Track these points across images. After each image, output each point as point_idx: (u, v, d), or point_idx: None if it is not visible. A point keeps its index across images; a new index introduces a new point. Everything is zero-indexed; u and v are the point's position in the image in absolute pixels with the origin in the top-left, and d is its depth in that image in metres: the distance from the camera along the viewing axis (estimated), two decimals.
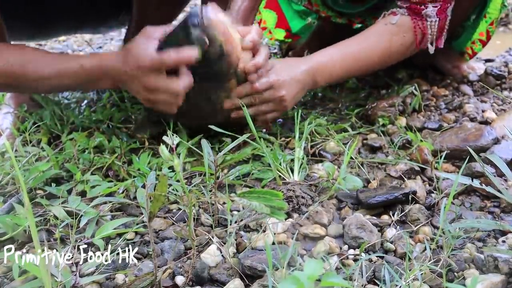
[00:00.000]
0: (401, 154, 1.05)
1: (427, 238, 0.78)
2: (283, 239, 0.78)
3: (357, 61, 1.16)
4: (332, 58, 1.14)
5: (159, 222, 0.85)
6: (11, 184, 0.97)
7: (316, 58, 1.13)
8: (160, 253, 0.76)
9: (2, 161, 1.06)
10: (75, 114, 1.26)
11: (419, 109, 1.28)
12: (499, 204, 0.88)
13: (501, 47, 1.98)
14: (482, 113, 1.23)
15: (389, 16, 1.17)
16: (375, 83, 1.52)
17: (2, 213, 0.85)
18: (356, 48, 1.16)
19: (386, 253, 0.76)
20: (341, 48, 1.16)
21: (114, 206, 0.90)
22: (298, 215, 0.85)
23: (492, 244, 0.76)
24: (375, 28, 1.19)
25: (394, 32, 1.16)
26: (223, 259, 0.74)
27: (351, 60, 1.15)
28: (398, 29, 1.15)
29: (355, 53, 1.15)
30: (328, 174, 0.94)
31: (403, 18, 1.15)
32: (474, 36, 1.50)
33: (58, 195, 0.92)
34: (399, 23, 1.15)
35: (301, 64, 1.10)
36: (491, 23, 1.44)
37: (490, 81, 1.45)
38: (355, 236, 0.77)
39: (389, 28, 1.16)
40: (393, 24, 1.16)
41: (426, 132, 1.15)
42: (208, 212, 0.85)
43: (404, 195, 0.87)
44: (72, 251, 0.76)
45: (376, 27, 1.19)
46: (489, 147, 1.02)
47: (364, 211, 0.87)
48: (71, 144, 1.07)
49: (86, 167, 1.02)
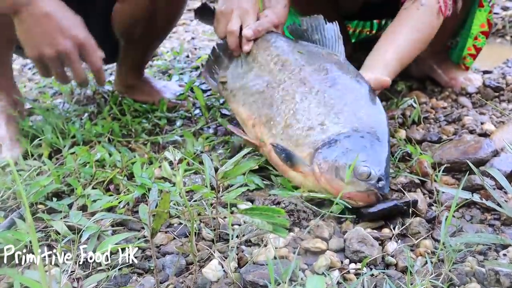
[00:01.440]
0: (401, 167, 1.06)
1: (428, 252, 0.78)
2: (285, 254, 0.78)
3: (411, 52, 1.20)
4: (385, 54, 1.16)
5: (160, 237, 0.85)
6: (12, 199, 0.98)
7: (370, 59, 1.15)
8: (161, 268, 0.76)
9: (3, 175, 1.06)
10: (75, 127, 1.27)
11: (418, 122, 1.29)
12: (499, 216, 0.88)
13: (499, 58, 1.99)
14: (481, 125, 1.23)
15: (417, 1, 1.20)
16: None
17: (3, 228, 0.85)
18: (405, 43, 1.19)
19: (387, 267, 0.76)
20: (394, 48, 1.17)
21: (115, 220, 0.90)
22: (299, 229, 0.85)
23: (493, 258, 0.76)
24: (414, 16, 1.21)
25: (429, 12, 1.20)
26: (224, 274, 0.74)
27: (403, 56, 1.18)
28: (430, 9, 1.20)
29: (406, 48, 1.18)
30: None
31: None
32: (463, 52, 1.53)
33: (59, 210, 0.92)
34: (425, 2, 1.20)
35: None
36: (475, 38, 1.50)
37: (489, 93, 1.46)
38: (356, 250, 0.77)
39: (423, 11, 1.20)
40: (423, 5, 1.20)
41: (425, 145, 1.15)
42: (209, 227, 0.85)
43: (405, 203, 0.87)
44: (74, 267, 0.76)
45: (413, 14, 1.21)
46: (489, 160, 1.03)
47: (365, 224, 0.87)
48: (72, 158, 1.07)
49: (87, 181, 1.02)
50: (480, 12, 1.45)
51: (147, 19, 1.32)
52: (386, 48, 1.17)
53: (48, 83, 1.98)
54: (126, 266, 0.76)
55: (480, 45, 1.51)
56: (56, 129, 1.26)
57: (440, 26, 1.36)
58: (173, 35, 2.71)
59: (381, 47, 1.18)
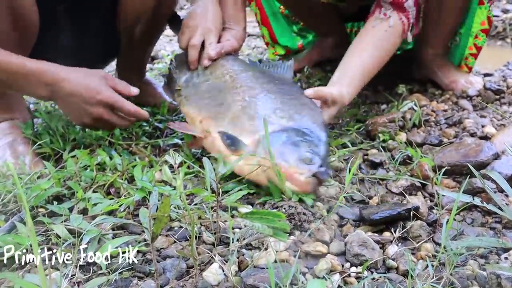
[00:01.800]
0: (402, 170, 1.05)
1: (429, 255, 0.78)
2: (285, 257, 0.78)
3: (374, 69, 1.26)
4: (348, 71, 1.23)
5: (160, 240, 0.85)
6: (12, 202, 0.97)
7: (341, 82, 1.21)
8: (162, 272, 0.76)
9: (4, 178, 1.06)
10: (76, 131, 1.27)
11: (419, 125, 1.29)
12: (500, 220, 0.88)
13: (499, 61, 1.99)
14: (482, 128, 1.23)
15: (385, 21, 1.27)
16: (375, 98, 1.53)
17: (4, 232, 0.85)
18: (370, 60, 1.25)
19: (388, 270, 0.76)
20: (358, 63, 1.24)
21: (116, 224, 0.89)
22: (300, 232, 0.85)
23: (494, 261, 0.76)
24: (380, 35, 1.27)
25: (396, 34, 1.27)
26: (225, 277, 0.74)
27: (368, 72, 1.25)
28: (396, 31, 1.27)
29: (371, 65, 1.25)
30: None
31: (393, 17, 1.27)
32: (465, 52, 1.53)
33: (60, 213, 0.92)
34: (388, 20, 1.27)
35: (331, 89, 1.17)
36: (476, 36, 1.51)
37: (489, 96, 1.46)
38: (357, 253, 0.77)
39: (391, 32, 1.27)
40: (391, 27, 1.26)
41: (426, 148, 1.15)
42: (210, 230, 0.85)
43: (406, 210, 0.87)
44: (74, 270, 0.76)
45: (380, 34, 1.27)
46: (490, 163, 1.02)
47: (365, 227, 0.87)
48: (73, 161, 1.07)
49: (87, 184, 1.02)
50: (480, 10, 1.46)
51: (150, 14, 1.34)
52: (352, 65, 1.24)
53: None
54: (126, 270, 0.76)
55: (481, 44, 1.52)
56: (57, 132, 1.26)
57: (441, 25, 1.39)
58: (173, 38, 2.72)
59: (347, 63, 1.24)
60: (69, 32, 1.27)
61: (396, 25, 1.26)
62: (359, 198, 0.97)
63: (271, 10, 1.84)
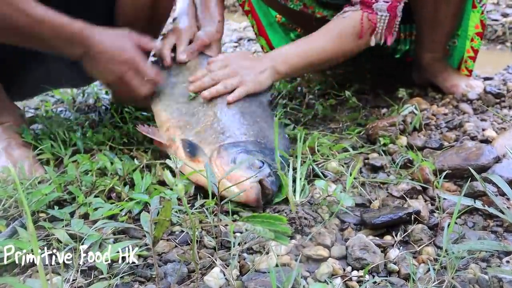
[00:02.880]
0: (402, 173, 1.05)
1: (431, 259, 0.78)
2: (286, 261, 0.77)
3: (314, 52, 1.26)
4: (290, 49, 1.27)
5: (162, 244, 0.84)
6: (14, 207, 0.97)
7: (274, 50, 1.27)
8: (163, 277, 0.76)
9: (5, 183, 1.06)
10: (77, 135, 1.27)
11: (419, 128, 1.29)
12: (502, 223, 0.88)
13: (499, 65, 1.99)
14: (483, 131, 1.23)
15: (342, 14, 1.28)
16: (375, 102, 1.53)
17: (5, 237, 0.85)
18: (313, 43, 1.27)
19: (389, 274, 0.76)
20: (299, 43, 1.29)
21: (117, 228, 0.90)
22: (301, 236, 0.85)
23: (496, 265, 0.76)
24: (330, 24, 1.29)
25: (345, 25, 1.27)
26: (226, 282, 0.74)
27: (308, 51, 1.26)
28: (348, 22, 1.27)
29: (312, 46, 1.26)
30: (322, 190, 0.94)
31: (354, 12, 1.26)
32: (464, 53, 1.54)
33: (61, 218, 0.92)
34: (351, 16, 1.26)
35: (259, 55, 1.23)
36: (471, 40, 1.52)
37: (490, 100, 1.46)
38: (358, 257, 0.77)
39: (340, 22, 1.28)
40: (344, 18, 1.27)
41: (427, 151, 1.15)
42: (211, 234, 0.85)
43: (408, 214, 0.87)
44: (75, 275, 0.76)
45: (330, 23, 1.29)
46: (491, 166, 1.02)
47: (366, 231, 0.87)
48: (74, 166, 1.08)
49: (88, 189, 1.02)
50: (473, 13, 1.47)
51: (149, 10, 1.34)
52: (297, 44, 1.28)
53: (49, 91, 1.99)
54: (127, 274, 0.76)
55: (477, 47, 1.52)
56: (57, 137, 1.26)
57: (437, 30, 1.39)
58: None
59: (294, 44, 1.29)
60: None
61: (352, 18, 1.25)
62: (360, 202, 0.97)
63: (267, 20, 1.85)
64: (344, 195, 0.92)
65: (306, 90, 1.65)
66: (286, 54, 1.25)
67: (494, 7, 2.66)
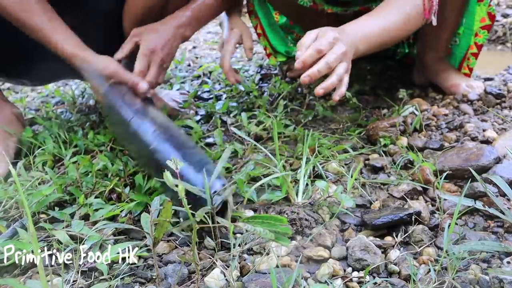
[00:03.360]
0: (403, 174, 1.05)
1: (431, 260, 0.78)
2: (287, 262, 0.77)
3: (390, 32, 1.21)
4: (366, 25, 1.18)
5: (162, 245, 0.85)
6: (14, 208, 0.98)
7: (352, 24, 1.16)
8: (163, 278, 0.76)
9: (5, 185, 1.06)
10: (77, 136, 1.27)
11: (420, 129, 1.29)
12: (502, 224, 0.87)
13: (500, 65, 1.99)
14: (483, 132, 1.23)
15: None
16: (375, 103, 1.53)
17: (6, 238, 0.85)
18: (388, 23, 1.20)
19: (390, 275, 0.76)
20: (374, 22, 1.20)
21: (117, 229, 0.90)
22: (301, 237, 0.85)
23: (497, 265, 0.75)
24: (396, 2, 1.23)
25: (412, 4, 1.22)
26: (226, 283, 0.74)
27: (385, 31, 1.19)
28: (413, 1, 1.22)
29: (388, 27, 1.20)
30: (323, 191, 0.94)
31: None
32: (465, 52, 1.53)
33: (61, 219, 0.92)
34: None
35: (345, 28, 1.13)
36: (476, 35, 1.50)
37: (490, 100, 1.45)
38: (358, 258, 0.77)
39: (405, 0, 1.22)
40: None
41: (427, 152, 1.15)
42: (211, 235, 0.85)
43: (408, 215, 0.87)
44: (76, 276, 0.76)
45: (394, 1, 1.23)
46: (491, 167, 1.02)
47: (367, 232, 0.87)
48: (74, 167, 1.08)
49: (89, 190, 1.02)
50: (479, 7, 1.46)
51: (159, 11, 1.33)
52: (373, 23, 1.19)
53: (50, 93, 1.99)
54: (128, 276, 0.76)
55: (481, 42, 1.52)
56: (59, 138, 1.26)
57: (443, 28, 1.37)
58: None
59: (370, 20, 1.20)
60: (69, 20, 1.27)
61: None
62: (361, 203, 0.97)
63: (267, 21, 1.85)
64: (344, 196, 0.92)
65: (307, 91, 1.65)
66: (365, 30, 1.16)
67: (494, 8, 2.66)
